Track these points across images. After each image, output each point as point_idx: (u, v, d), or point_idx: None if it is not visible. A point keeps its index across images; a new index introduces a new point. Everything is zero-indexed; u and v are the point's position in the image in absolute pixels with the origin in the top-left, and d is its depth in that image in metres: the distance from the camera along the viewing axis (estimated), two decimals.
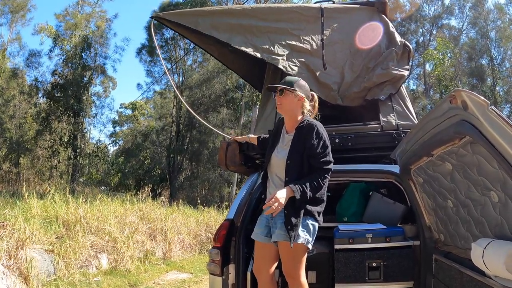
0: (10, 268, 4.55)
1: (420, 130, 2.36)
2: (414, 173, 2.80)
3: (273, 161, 2.83)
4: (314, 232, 2.72)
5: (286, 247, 2.65)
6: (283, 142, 2.84)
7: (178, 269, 7.45)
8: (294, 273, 2.69)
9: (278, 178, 2.78)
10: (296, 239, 2.61)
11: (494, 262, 1.80)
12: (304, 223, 2.67)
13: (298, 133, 2.74)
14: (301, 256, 2.69)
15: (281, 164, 2.74)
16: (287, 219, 2.62)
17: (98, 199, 7.65)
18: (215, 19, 4.04)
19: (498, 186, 1.78)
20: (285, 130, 2.88)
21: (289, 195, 2.56)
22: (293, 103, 2.78)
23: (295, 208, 2.61)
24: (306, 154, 2.67)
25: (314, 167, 2.66)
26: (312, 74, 4.12)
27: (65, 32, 23.59)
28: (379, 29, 4.23)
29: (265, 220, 2.85)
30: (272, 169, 2.84)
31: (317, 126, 2.71)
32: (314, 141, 2.65)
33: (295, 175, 2.66)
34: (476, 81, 27.04)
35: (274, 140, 2.91)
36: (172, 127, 25.81)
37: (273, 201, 2.50)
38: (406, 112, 4.07)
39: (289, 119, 2.85)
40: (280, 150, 2.81)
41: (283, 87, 2.77)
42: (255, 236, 2.87)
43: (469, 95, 1.63)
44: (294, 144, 2.73)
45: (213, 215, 12.02)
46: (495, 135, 1.59)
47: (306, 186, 2.57)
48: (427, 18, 29.37)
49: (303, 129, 2.72)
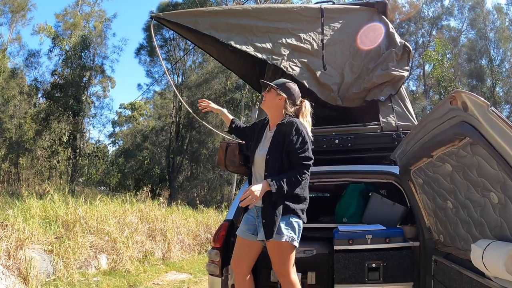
0: (9, 268, 4.54)
1: (420, 131, 2.36)
2: (413, 174, 2.80)
3: (256, 158, 2.88)
4: (299, 230, 2.75)
5: (272, 246, 2.70)
6: (265, 140, 2.90)
7: (177, 269, 7.45)
8: (284, 271, 2.73)
9: (260, 175, 2.83)
10: (280, 237, 2.65)
11: (494, 263, 1.79)
12: (288, 221, 2.70)
13: (278, 130, 2.80)
14: (288, 254, 2.72)
15: (262, 160, 2.80)
16: (264, 212, 2.69)
17: (98, 200, 7.64)
18: (215, 19, 4.03)
19: (498, 187, 1.78)
20: (268, 128, 2.94)
21: (265, 188, 2.61)
22: (274, 101, 2.85)
23: (272, 202, 2.65)
24: (285, 150, 2.70)
25: (293, 163, 2.69)
26: (313, 74, 4.12)
27: (64, 32, 23.61)
28: (381, 30, 4.23)
29: (252, 219, 2.90)
30: (255, 167, 2.90)
31: (297, 123, 2.74)
32: (293, 137, 2.68)
33: (275, 170, 2.70)
34: (476, 82, 27.05)
35: (257, 139, 2.95)
36: (172, 128, 25.81)
37: (247, 194, 2.57)
38: (405, 113, 4.07)
39: (271, 117, 2.92)
40: (261, 148, 2.87)
41: (268, 84, 2.88)
42: (241, 233, 2.91)
43: (469, 96, 1.63)
44: (274, 140, 2.78)
45: (213, 215, 12.02)
46: (495, 136, 1.59)
47: (283, 181, 2.61)
48: (426, 19, 29.39)
49: (283, 126, 2.77)
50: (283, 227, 2.67)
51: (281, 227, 2.66)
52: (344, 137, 3.94)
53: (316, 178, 3.57)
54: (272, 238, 2.65)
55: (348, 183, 3.85)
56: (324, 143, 4.00)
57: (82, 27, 23.95)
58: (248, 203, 2.59)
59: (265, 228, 2.67)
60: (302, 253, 3.20)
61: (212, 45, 4.40)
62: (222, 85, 22.99)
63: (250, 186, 2.64)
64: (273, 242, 2.66)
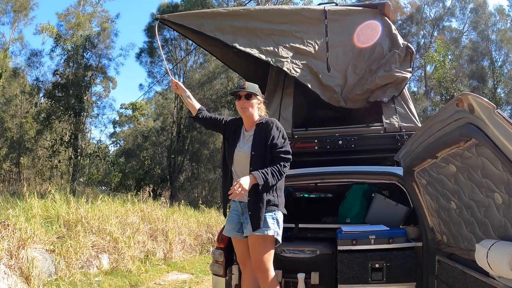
0: (11, 267, 4.55)
1: (425, 132, 2.37)
2: (417, 175, 2.80)
3: (236, 156, 2.95)
4: (281, 224, 2.87)
5: (257, 239, 2.77)
6: (244, 139, 3.00)
7: (179, 269, 7.45)
8: (265, 266, 2.78)
9: (241, 173, 2.89)
10: (267, 230, 2.75)
11: (498, 263, 1.80)
12: (274, 216, 2.81)
13: (258, 128, 2.95)
14: (272, 248, 2.83)
15: (245, 157, 2.89)
16: (249, 205, 2.79)
17: (99, 199, 7.65)
18: (219, 21, 4.06)
19: (502, 188, 1.79)
20: (244, 129, 3.04)
21: (252, 181, 2.70)
22: (255, 105, 3.00)
23: (257, 194, 2.74)
24: (268, 145, 2.84)
25: (275, 156, 2.83)
26: (315, 76, 4.14)
27: (67, 32, 23.64)
28: (378, 27, 4.25)
29: (237, 216, 2.96)
30: (235, 165, 2.97)
31: (275, 121, 2.97)
32: (274, 133, 2.86)
33: (259, 165, 2.80)
34: (477, 83, 27.05)
35: (234, 138, 3.02)
36: (173, 128, 25.80)
37: (237, 187, 2.63)
38: (408, 114, 4.08)
39: (248, 119, 3.02)
40: (242, 146, 2.97)
41: (252, 93, 2.96)
42: (228, 232, 3.01)
43: (475, 98, 1.64)
44: (256, 137, 2.90)
45: (214, 215, 12.01)
46: (501, 137, 1.60)
47: (268, 174, 2.72)
48: (428, 20, 29.39)
49: (263, 125, 2.94)
50: (270, 221, 2.78)
51: (268, 221, 2.77)
52: (348, 138, 3.96)
53: (319, 178, 3.58)
54: (258, 231, 2.73)
55: (351, 184, 3.86)
56: (328, 144, 4.02)
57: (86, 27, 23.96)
58: (236, 196, 2.66)
59: (252, 220, 2.75)
60: (306, 253, 3.22)
61: (216, 46, 4.42)
62: (223, 85, 22.99)
63: (239, 180, 2.68)
64: (258, 236, 2.75)
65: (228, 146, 3.04)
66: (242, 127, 3.06)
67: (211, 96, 23.20)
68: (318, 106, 4.42)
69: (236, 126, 3.08)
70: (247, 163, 2.86)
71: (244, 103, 2.96)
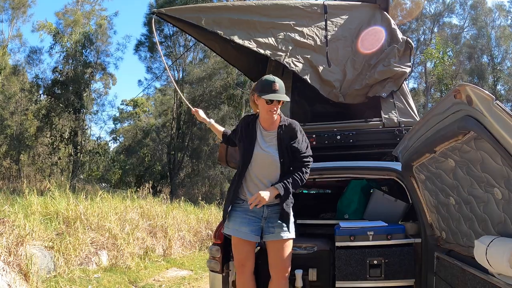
0: (10, 264, 4.54)
1: (423, 126, 2.33)
2: (416, 170, 2.77)
3: (257, 157, 2.77)
4: None
5: (283, 244, 2.78)
6: (264, 139, 2.82)
7: (178, 266, 7.45)
8: (287, 269, 2.81)
9: (262, 175, 2.78)
10: (292, 235, 2.81)
11: (497, 260, 1.78)
12: (293, 220, 2.85)
13: (282, 131, 2.80)
14: (291, 250, 2.86)
15: (270, 162, 2.77)
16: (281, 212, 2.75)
17: (99, 196, 7.64)
18: (218, 15, 4.02)
19: (502, 183, 1.76)
20: (262, 128, 2.85)
21: (274, 194, 2.69)
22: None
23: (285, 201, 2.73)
24: (292, 149, 2.77)
25: (298, 161, 2.79)
26: (315, 70, 4.11)
27: (65, 29, 23.57)
28: (381, 33, 4.22)
29: (257, 220, 2.82)
30: (257, 169, 2.79)
31: (297, 124, 2.88)
32: (299, 137, 2.80)
33: (288, 172, 2.77)
34: (477, 79, 27.00)
35: (249, 136, 2.82)
36: (173, 124, 25.76)
37: (257, 200, 2.63)
38: (407, 109, 4.06)
39: (271, 120, 2.82)
40: (264, 147, 2.79)
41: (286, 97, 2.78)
42: (244, 235, 2.79)
43: (473, 89, 1.60)
44: (281, 141, 2.78)
45: (214, 212, 12.00)
46: (500, 130, 1.56)
47: (289, 185, 2.70)
48: (428, 16, 29.28)
49: (286, 127, 2.82)
50: (291, 225, 2.82)
51: (290, 225, 2.81)
52: (346, 133, 3.93)
53: (318, 174, 3.56)
54: (287, 236, 2.76)
55: (350, 180, 3.83)
56: (326, 139, 3.99)
57: (84, 24, 23.90)
58: (256, 204, 2.65)
59: (282, 227, 2.76)
60: (304, 249, 3.19)
61: (214, 41, 4.39)
62: (223, 81, 22.92)
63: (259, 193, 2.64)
64: (285, 240, 2.77)
65: (244, 145, 2.82)
66: (256, 124, 2.85)
67: (210, 92, 23.13)
68: (317, 101, 4.39)
69: (246, 123, 2.89)
70: (274, 169, 2.77)
71: (274, 107, 2.74)
